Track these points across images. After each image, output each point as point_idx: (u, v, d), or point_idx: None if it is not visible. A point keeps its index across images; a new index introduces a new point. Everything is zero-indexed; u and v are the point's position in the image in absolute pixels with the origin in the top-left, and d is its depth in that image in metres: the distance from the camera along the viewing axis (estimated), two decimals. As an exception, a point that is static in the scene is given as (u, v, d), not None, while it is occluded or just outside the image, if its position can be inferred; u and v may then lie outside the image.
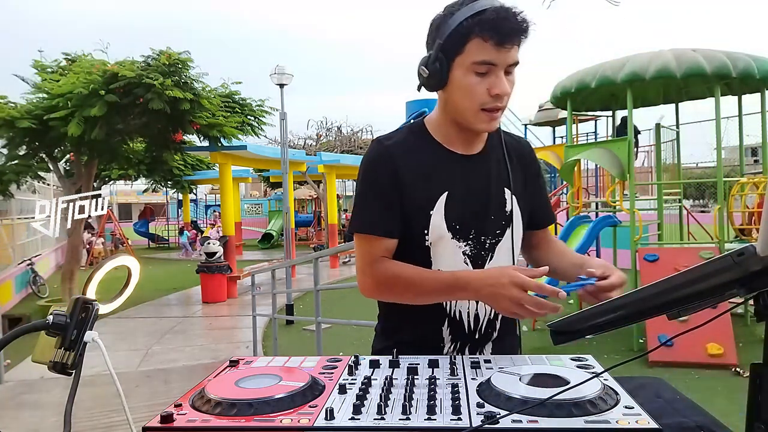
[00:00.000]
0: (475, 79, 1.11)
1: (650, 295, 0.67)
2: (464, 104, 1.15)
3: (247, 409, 0.77)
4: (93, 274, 1.05)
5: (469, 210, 1.21)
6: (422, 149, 1.22)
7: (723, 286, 0.60)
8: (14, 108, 8.13)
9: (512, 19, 1.07)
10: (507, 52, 1.09)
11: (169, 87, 7.82)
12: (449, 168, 1.22)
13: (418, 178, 1.19)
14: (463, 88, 1.13)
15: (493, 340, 1.28)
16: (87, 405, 4.49)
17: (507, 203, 1.25)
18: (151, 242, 23.53)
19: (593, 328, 0.74)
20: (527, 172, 1.32)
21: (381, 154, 1.21)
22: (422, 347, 1.21)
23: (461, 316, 1.23)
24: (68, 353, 0.88)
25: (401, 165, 1.19)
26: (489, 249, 1.24)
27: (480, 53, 1.09)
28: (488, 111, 1.14)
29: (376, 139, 1.27)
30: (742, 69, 5.89)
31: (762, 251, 0.56)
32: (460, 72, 1.12)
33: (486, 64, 1.10)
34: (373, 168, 1.21)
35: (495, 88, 1.11)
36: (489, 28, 1.07)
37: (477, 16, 1.07)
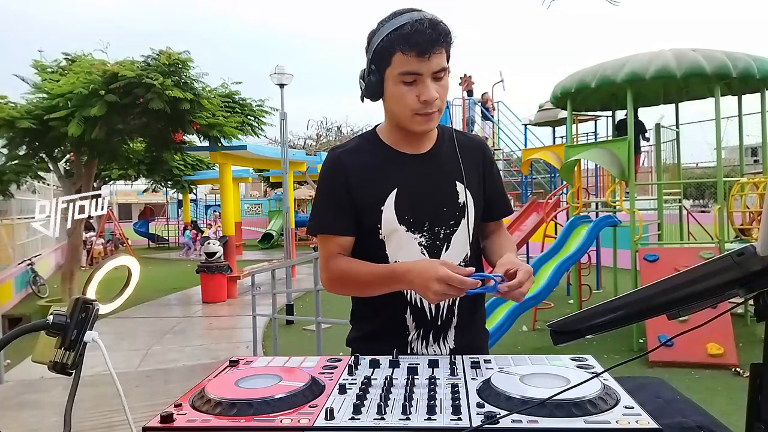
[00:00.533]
0: (405, 89, 1.22)
1: (650, 295, 0.67)
2: (398, 111, 1.26)
3: (247, 409, 0.77)
4: (93, 274, 1.05)
5: (419, 204, 1.30)
6: (372, 152, 1.34)
7: (723, 286, 0.60)
8: (14, 108, 8.12)
9: (428, 31, 1.16)
10: (428, 61, 1.18)
11: (169, 87, 7.81)
12: (398, 167, 1.32)
13: (368, 178, 1.30)
14: (395, 97, 1.24)
15: (455, 326, 1.34)
16: (87, 405, 4.49)
17: (459, 195, 1.33)
18: (151, 242, 23.52)
19: (593, 328, 0.74)
20: (480, 166, 1.40)
21: (333, 161, 1.34)
22: (388, 336, 1.32)
23: (422, 303, 1.31)
24: (68, 353, 0.88)
25: (351, 169, 1.31)
26: (444, 239, 1.32)
27: (403, 65, 1.19)
28: (422, 115, 1.24)
29: (331, 149, 1.40)
30: (742, 69, 5.88)
31: (762, 251, 0.56)
32: (391, 83, 1.23)
33: (411, 74, 1.20)
34: (326, 174, 1.34)
35: (422, 95, 1.21)
36: (407, 42, 1.17)
37: (397, 31, 1.18)
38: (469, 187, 1.33)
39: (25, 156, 8.99)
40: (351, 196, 1.29)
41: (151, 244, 23.49)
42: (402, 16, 1.19)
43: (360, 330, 1.42)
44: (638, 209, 6.43)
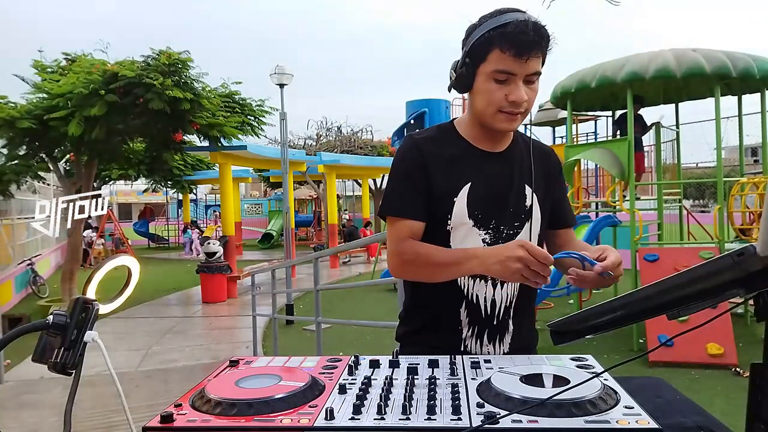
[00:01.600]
0: (495, 86, 1.22)
1: (650, 295, 0.67)
2: (483, 107, 1.25)
3: (247, 409, 0.77)
4: (93, 274, 1.05)
5: (490, 201, 1.30)
6: (450, 144, 1.34)
7: (723, 286, 0.60)
8: (14, 108, 8.12)
9: (531, 33, 1.16)
10: (525, 63, 1.18)
11: (169, 87, 7.81)
12: (473, 162, 1.32)
13: (444, 168, 1.30)
14: (483, 92, 1.24)
15: (512, 331, 1.34)
16: (87, 405, 4.49)
17: (527, 199, 1.34)
18: (151, 242, 23.53)
19: (593, 328, 0.74)
20: (550, 174, 1.41)
21: (411, 147, 1.33)
22: (441, 330, 1.31)
23: (478, 300, 1.30)
24: (68, 353, 0.88)
25: (429, 156, 1.30)
26: (507, 239, 1.31)
27: (500, 63, 1.19)
28: (506, 113, 1.24)
29: (408, 135, 1.38)
30: (742, 69, 5.89)
31: (762, 251, 0.56)
32: (483, 78, 1.23)
33: (505, 73, 1.19)
34: (403, 158, 1.33)
35: (512, 94, 1.21)
36: (508, 41, 1.16)
37: (500, 29, 1.18)
38: (536, 191, 1.34)
39: (25, 156, 8.99)
40: (426, 182, 1.29)
41: (151, 244, 23.49)
42: (506, 15, 1.19)
43: (411, 324, 1.39)
44: (638, 209, 6.43)
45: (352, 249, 15.25)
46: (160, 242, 23.74)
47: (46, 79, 8.54)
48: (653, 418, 0.71)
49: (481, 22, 1.23)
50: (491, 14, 1.22)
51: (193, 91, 8.37)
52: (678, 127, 8.19)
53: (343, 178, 20.77)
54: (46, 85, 8.34)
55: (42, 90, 8.40)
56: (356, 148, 20.04)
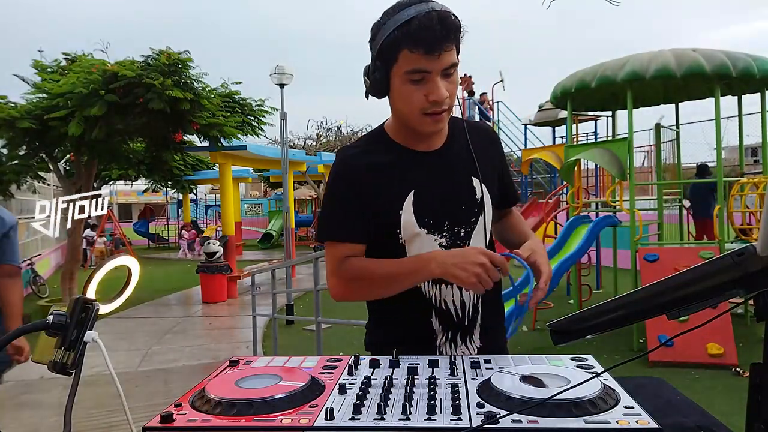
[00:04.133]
0: (412, 87, 1.14)
1: (650, 295, 0.67)
2: (405, 111, 1.18)
3: (247, 409, 0.77)
4: (93, 274, 1.05)
5: (439, 204, 1.24)
6: (383, 153, 1.26)
7: (723, 286, 0.60)
8: (14, 108, 8.12)
9: (437, 27, 1.07)
10: (437, 58, 1.10)
11: (169, 87, 7.81)
12: (413, 167, 1.25)
13: (382, 180, 1.22)
14: (402, 96, 1.16)
15: (480, 325, 1.30)
16: (87, 405, 4.49)
17: (476, 191, 1.28)
18: (151, 242, 23.53)
19: (593, 328, 0.74)
20: (492, 155, 1.35)
21: (342, 163, 1.26)
22: (415, 342, 1.25)
23: (447, 305, 1.26)
24: (68, 353, 0.88)
25: (363, 172, 1.23)
26: (464, 237, 1.27)
27: (411, 63, 1.11)
28: (431, 114, 1.16)
29: (339, 150, 1.32)
30: (742, 69, 5.88)
31: (762, 251, 0.56)
32: (398, 81, 1.15)
33: (419, 72, 1.12)
34: (335, 177, 1.27)
35: (432, 94, 1.13)
36: (415, 39, 1.08)
37: (404, 27, 1.09)
38: (484, 181, 1.28)
39: (25, 156, 9.00)
40: (364, 201, 1.22)
41: (151, 244, 23.50)
42: (408, 9, 1.10)
43: (382, 335, 1.33)
44: (638, 209, 6.43)
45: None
46: (160, 242, 23.74)
47: (46, 79, 8.54)
48: (653, 418, 0.71)
49: (384, 19, 1.14)
50: (392, 9, 1.13)
51: (193, 91, 8.37)
52: (678, 127, 8.19)
53: (343, 178, 20.71)
54: (46, 85, 8.35)
55: (42, 90, 8.40)
56: (356, 148, 20.01)
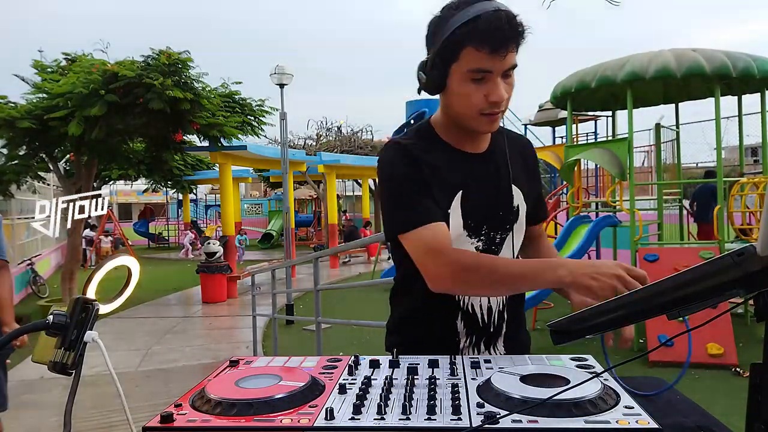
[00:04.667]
0: (472, 87, 1.11)
1: (650, 295, 0.67)
2: (461, 110, 1.16)
3: (247, 409, 0.77)
4: (93, 274, 1.05)
5: (482, 207, 1.23)
6: (433, 150, 1.23)
7: (723, 286, 0.60)
8: (14, 108, 8.12)
9: (505, 27, 1.06)
10: (502, 59, 1.08)
11: (169, 87, 7.81)
12: (461, 167, 1.23)
13: (434, 178, 1.19)
14: (460, 95, 1.14)
15: (504, 334, 1.30)
16: (87, 405, 4.49)
17: (514, 199, 1.27)
18: (151, 242, 23.54)
19: (593, 328, 0.74)
20: (528, 168, 1.35)
21: (403, 151, 1.21)
22: (437, 343, 1.24)
23: (474, 309, 1.25)
24: (68, 353, 0.88)
25: (421, 162, 1.19)
26: (499, 243, 1.27)
27: (474, 61, 1.09)
28: (487, 115, 1.15)
29: (392, 141, 1.26)
30: (742, 69, 5.88)
31: (762, 251, 0.56)
32: (457, 78, 1.12)
33: (481, 71, 1.10)
34: (397, 163, 1.20)
35: (492, 94, 1.11)
36: (482, 37, 1.06)
37: (470, 24, 1.06)
38: (521, 189, 1.28)
39: (25, 156, 9.00)
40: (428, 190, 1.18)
41: (151, 244, 23.50)
42: (474, 7, 1.07)
43: (404, 336, 1.31)
44: (638, 209, 6.43)
45: (352, 249, 15.25)
46: (160, 242, 23.74)
47: (46, 79, 8.55)
48: (653, 418, 0.71)
49: (447, 15, 1.10)
50: (456, 5, 1.09)
51: (193, 91, 8.37)
52: (678, 127, 8.20)
53: (343, 178, 20.77)
54: (46, 85, 8.35)
55: (42, 90, 8.41)
56: (356, 148, 20.05)
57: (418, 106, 9.91)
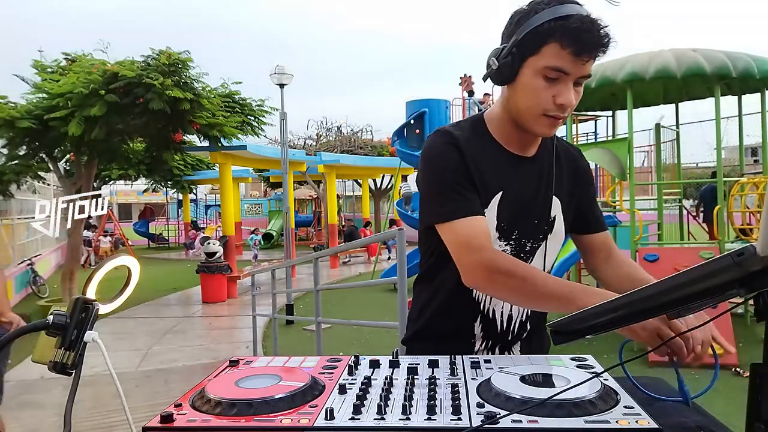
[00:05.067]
0: (543, 84, 1.09)
1: (650, 295, 0.67)
2: (526, 106, 1.13)
3: (247, 409, 0.77)
4: (93, 274, 1.05)
5: (518, 212, 1.21)
6: (482, 146, 1.21)
7: (723, 286, 0.60)
8: (14, 108, 8.13)
9: (595, 32, 1.04)
10: (582, 63, 1.07)
11: (169, 87, 7.82)
12: (505, 169, 1.21)
13: (478, 173, 1.18)
14: (528, 89, 1.11)
15: (523, 343, 1.30)
16: (87, 405, 4.50)
17: (552, 209, 1.25)
18: (151, 242, 23.54)
19: (593, 328, 0.74)
20: (577, 180, 1.32)
21: (450, 140, 1.18)
22: (454, 342, 1.24)
23: (494, 315, 1.25)
24: (68, 353, 0.88)
25: (468, 158, 1.17)
26: (529, 252, 1.25)
27: (555, 59, 1.06)
28: (550, 117, 1.12)
29: (443, 129, 1.23)
30: (742, 69, 5.89)
31: (762, 251, 0.56)
32: (530, 72, 1.10)
33: (558, 71, 1.07)
34: (443, 153, 1.18)
35: (561, 97, 1.09)
36: (570, 36, 1.04)
37: (560, 21, 1.04)
38: (562, 201, 1.25)
39: (25, 156, 9.01)
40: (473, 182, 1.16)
41: (151, 244, 23.50)
42: (567, 6, 1.05)
43: (422, 331, 1.31)
44: (638, 209, 6.43)
45: (352, 249, 15.25)
46: (160, 242, 23.74)
47: (46, 79, 8.55)
48: (653, 418, 0.71)
49: (535, 9, 1.08)
50: (547, 2, 1.07)
51: (193, 91, 8.38)
52: (678, 127, 8.20)
53: (343, 178, 20.77)
54: (46, 85, 8.35)
55: (42, 90, 8.41)
56: (356, 148, 20.06)
57: (418, 106, 9.91)
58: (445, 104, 10.31)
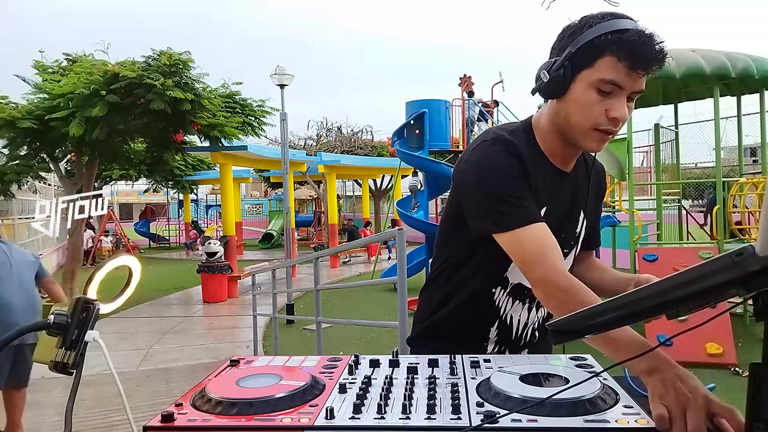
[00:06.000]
0: (596, 97, 1.07)
1: (650, 295, 0.67)
2: (578, 119, 1.11)
3: (248, 409, 0.77)
4: (94, 274, 1.05)
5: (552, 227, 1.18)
6: (533, 157, 1.19)
7: (722, 286, 0.60)
8: (15, 108, 8.14)
9: (652, 46, 1.03)
10: (637, 78, 1.05)
11: (169, 87, 7.82)
12: (550, 183, 1.21)
13: (534, 187, 1.17)
14: (581, 102, 1.09)
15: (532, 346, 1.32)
16: (88, 404, 4.50)
17: (578, 224, 1.27)
18: (151, 242, 23.55)
19: (593, 327, 0.74)
20: (598, 194, 1.35)
21: (513, 150, 1.15)
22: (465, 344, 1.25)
23: (511, 321, 1.26)
24: (69, 353, 0.88)
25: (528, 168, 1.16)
26: None
27: (610, 72, 1.05)
28: (600, 131, 1.10)
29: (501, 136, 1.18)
30: (741, 69, 5.89)
31: (761, 251, 0.56)
32: (583, 86, 1.08)
33: (612, 84, 1.06)
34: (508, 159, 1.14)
35: (614, 111, 1.07)
36: (626, 49, 1.03)
37: (617, 34, 1.04)
38: (587, 217, 1.27)
39: (26, 156, 9.02)
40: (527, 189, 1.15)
41: (152, 243, 23.51)
42: (622, 21, 1.05)
43: (431, 332, 1.31)
44: (637, 209, 6.43)
45: (352, 249, 15.25)
46: (161, 242, 23.75)
47: (47, 80, 8.56)
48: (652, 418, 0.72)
49: (589, 23, 1.07)
50: (602, 17, 1.07)
51: (194, 92, 8.38)
52: (677, 127, 8.20)
53: (343, 178, 20.77)
54: (47, 85, 8.36)
55: (43, 90, 8.42)
56: (356, 149, 20.05)
57: (418, 106, 9.90)
58: (445, 104, 10.30)
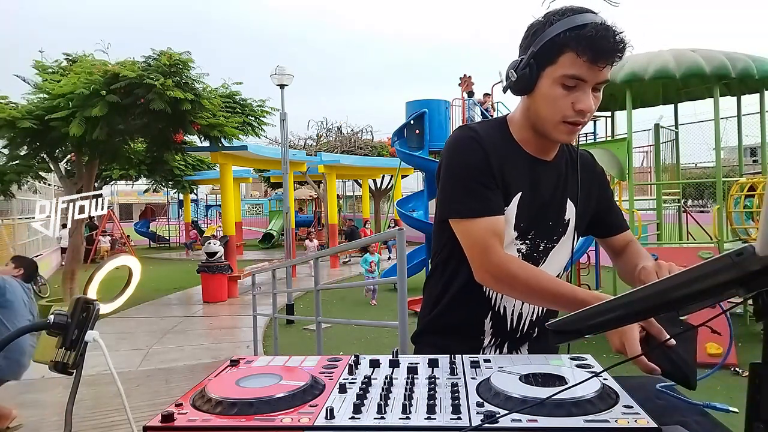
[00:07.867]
0: (562, 92, 1.12)
1: (650, 295, 0.67)
2: (546, 114, 1.16)
3: (248, 409, 0.77)
4: (94, 274, 1.05)
5: (535, 213, 1.24)
6: (504, 147, 1.23)
7: (722, 286, 0.60)
8: (15, 108, 8.13)
9: (610, 39, 1.06)
10: (599, 70, 1.09)
11: (170, 87, 7.82)
12: (525, 170, 1.24)
13: (500, 173, 1.20)
14: (547, 98, 1.14)
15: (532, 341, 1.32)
16: (88, 404, 4.50)
17: (566, 212, 1.29)
18: (152, 242, 23.56)
19: (593, 328, 0.74)
20: (593, 183, 1.35)
21: (472, 138, 1.20)
22: (463, 336, 1.27)
23: (505, 311, 1.27)
24: (69, 353, 0.88)
25: (491, 155, 1.19)
26: (543, 252, 1.28)
27: (572, 67, 1.09)
28: (569, 124, 1.15)
29: (464, 126, 1.26)
30: (741, 69, 5.88)
31: (761, 251, 0.56)
32: (548, 82, 1.13)
33: (575, 78, 1.10)
34: (465, 149, 1.20)
35: (580, 103, 1.11)
36: (585, 45, 1.06)
37: (575, 30, 1.07)
38: (576, 205, 1.29)
39: (26, 156, 9.01)
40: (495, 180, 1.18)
41: (152, 243, 23.51)
42: (582, 15, 1.08)
43: (431, 327, 1.34)
44: (637, 209, 6.43)
45: (352, 249, 15.25)
46: (161, 242, 23.75)
47: (47, 80, 8.56)
48: (652, 418, 0.72)
49: (551, 20, 1.11)
50: (562, 12, 1.11)
51: (194, 92, 8.38)
52: (677, 127, 8.20)
53: (343, 178, 20.77)
54: (47, 85, 8.36)
55: (43, 90, 8.42)
56: (356, 149, 20.04)
57: (418, 106, 9.90)
58: (445, 105, 10.31)
